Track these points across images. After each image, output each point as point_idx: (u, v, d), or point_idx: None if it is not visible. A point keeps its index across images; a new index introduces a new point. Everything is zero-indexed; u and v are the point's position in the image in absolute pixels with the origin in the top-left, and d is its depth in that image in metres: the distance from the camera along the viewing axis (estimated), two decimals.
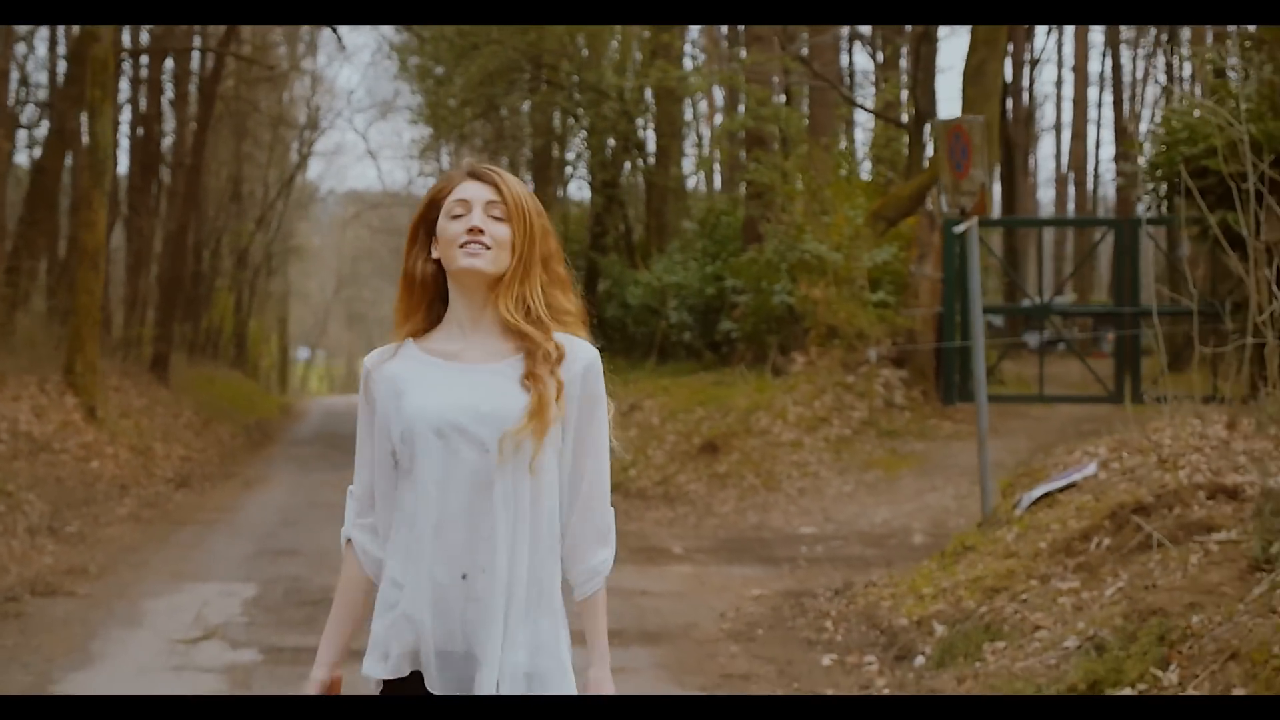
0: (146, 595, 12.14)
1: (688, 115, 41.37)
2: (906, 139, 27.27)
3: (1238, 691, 6.84)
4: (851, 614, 10.88)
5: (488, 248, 3.78)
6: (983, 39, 27.08)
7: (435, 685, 3.72)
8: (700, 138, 42.91)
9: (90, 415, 22.69)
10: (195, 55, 38.78)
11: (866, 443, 19.10)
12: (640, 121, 36.30)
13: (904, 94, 30.13)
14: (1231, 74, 17.11)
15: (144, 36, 36.68)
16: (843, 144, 33.30)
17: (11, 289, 26.39)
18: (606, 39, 34.79)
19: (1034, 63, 47.70)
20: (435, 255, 3.87)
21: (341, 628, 3.97)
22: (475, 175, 3.87)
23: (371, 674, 3.78)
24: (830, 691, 8.84)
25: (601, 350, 3.90)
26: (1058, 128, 54.81)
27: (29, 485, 17.25)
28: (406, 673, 3.75)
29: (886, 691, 8.79)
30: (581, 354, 3.84)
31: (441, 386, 3.80)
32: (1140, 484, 10.32)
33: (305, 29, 46.91)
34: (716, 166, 41.56)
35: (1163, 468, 10.50)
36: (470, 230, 3.78)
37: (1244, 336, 10.42)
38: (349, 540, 3.96)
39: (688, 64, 38.84)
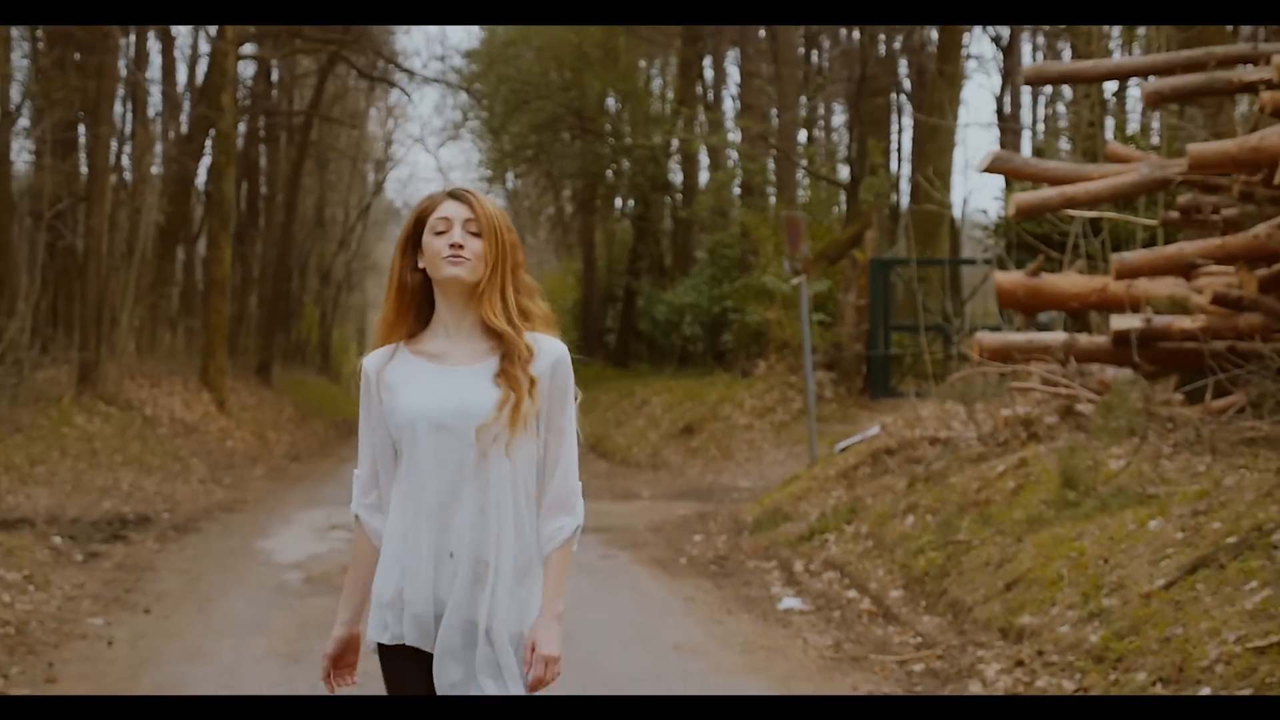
0: (291, 511, 19.06)
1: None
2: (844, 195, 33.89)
3: (863, 529, 13.51)
4: (726, 518, 17.55)
5: (466, 259, 4.17)
6: (938, 101, 33.21)
7: (429, 645, 4.19)
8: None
9: (221, 407, 29.55)
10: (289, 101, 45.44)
11: (800, 426, 25.45)
12: (671, 164, 42.52)
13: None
14: None
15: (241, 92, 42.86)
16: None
17: (154, 310, 33.24)
18: (642, 99, 41.24)
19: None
20: (421, 266, 4.24)
21: (357, 592, 4.37)
22: (455, 196, 4.26)
23: (375, 639, 4.25)
24: (689, 546, 15.48)
25: (634, 358, 5.49)
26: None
27: (190, 454, 24.12)
28: (403, 640, 4.20)
29: (723, 542, 15.48)
30: (550, 350, 4.23)
31: (429, 387, 4.20)
32: (892, 437, 16.98)
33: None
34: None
35: (908, 428, 17.14)
36: (452, 246, 4.16)
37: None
38: (357, 516, 4.36)
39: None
